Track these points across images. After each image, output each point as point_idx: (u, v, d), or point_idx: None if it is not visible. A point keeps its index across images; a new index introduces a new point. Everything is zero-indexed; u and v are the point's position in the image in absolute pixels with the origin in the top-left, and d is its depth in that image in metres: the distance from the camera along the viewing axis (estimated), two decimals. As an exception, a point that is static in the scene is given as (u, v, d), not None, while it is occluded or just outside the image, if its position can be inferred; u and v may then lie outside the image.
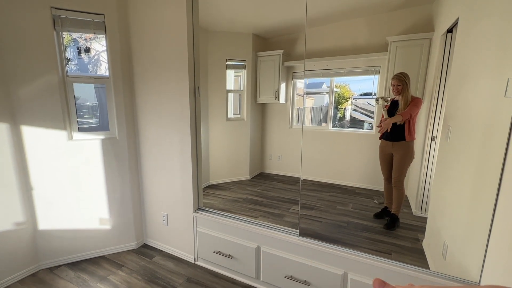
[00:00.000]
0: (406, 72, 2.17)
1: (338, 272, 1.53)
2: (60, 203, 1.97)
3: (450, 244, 1.47)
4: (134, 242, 2.28)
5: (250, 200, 2.93)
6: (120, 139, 2.09)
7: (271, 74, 3.61)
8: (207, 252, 2.02)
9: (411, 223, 2.21)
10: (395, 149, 2.19)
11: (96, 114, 2.73)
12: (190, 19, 1.83)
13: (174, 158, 2.06)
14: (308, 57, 3.40)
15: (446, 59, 2.01)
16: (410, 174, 2.46)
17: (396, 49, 2.66)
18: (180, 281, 1.89)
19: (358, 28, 3.07)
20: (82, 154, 1.99)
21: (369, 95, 3.25)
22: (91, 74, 2.19)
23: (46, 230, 1.96)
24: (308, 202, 2.83)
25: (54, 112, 1.85)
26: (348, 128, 3.46)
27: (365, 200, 2.86)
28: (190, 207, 2.05)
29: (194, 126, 1.97)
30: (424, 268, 1.37)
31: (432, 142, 2.14)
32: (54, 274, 1.94)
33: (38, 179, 1.88)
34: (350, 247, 1.55)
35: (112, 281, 1.87)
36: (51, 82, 1.81)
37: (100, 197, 2.09)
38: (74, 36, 2.19)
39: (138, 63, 2.06)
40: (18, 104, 1.75)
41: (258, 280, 1.83)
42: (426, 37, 2.46)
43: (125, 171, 2.15)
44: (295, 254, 1.67)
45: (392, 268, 1.39)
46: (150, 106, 2.08)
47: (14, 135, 1.76)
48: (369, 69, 3.11)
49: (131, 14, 2.00)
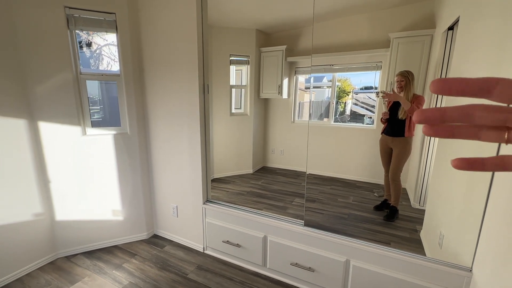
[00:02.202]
0: (408, 68, 2.23)
1: (341, 259, 1.63)
2: (75, 195, 2.07)
3: (446, 234, 1.57)
4: (145, 232, 2.39)
5: (254, 193, 3.03)
6: (131, 134, 2.17)
7: (274, 70, 3.67)
8: (216, 242, 2.13)
9: (410, 215, 2.32)
10: (394, 144, 2.28)
11: (101, 108, 2.79)
12: (199, 16, 1.88)
13: (183, 153, 2.14)
14: (312, 53, 3.45)
15: (446, 56, 2.07)
16: (409, 168, 2.55)
17: (398, 46, 2.71)
18: (191, 268, 2.00)
19: (361, 24, 3.11)
20: (95, 149, 2.07)
21: (370, 89, 3.30)
22: (103, 71, 2.25)
23: (63, 221, 2.06)
24: (311, 195, 2.93)
25: (69, 108, 1.92)
26: (349, 123, 3.54)
27: (365, 193, 2.96)
28: (199, 199, 2.15)
29: (203, 121, 2.05)
30: (421, 255, 1.47)
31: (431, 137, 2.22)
32: (71, 262, 2.05)
33: (54, 173, 1.97)
34: (351, 236, 1.65)
35: (127, 269, 1.98)
36: (65, 80, 1.88)
37: (112, 190, 2.18)
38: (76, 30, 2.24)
39: (148, 61, 2.12)
40: (35, 101, 1.82)
41: (265, 267, 1.94)
42: (428, 34, 2.50)
43: (136, 164, 2.24)
44: (300, 243, 1.78)
45: (391, 255, 1.50)
46: (160, 103, 2.15)
47: (32, 130, 1.85)
48: (370, 64, 3.16)
49: (141, 12, 2.06)
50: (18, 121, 1.78)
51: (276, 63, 3.64)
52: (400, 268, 1.48)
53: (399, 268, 1.49)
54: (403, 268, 1.47)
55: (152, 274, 1.92)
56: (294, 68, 3.79)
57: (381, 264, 1.53)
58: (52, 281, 1.84)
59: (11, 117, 1.74)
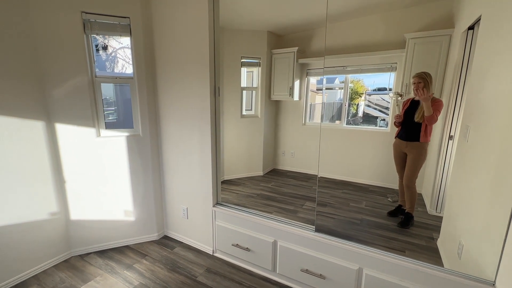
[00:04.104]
0: (425, 70, 2.15)
1: (353, 267, 1.58)
2: (89, 195, 2.11)
3: (466, 244, 1.49)
4: (156, 233, 2.41)
5: (264, 196, 3.01)
6: (143, 136, 2.20)
7: (285, 71, 3.64)
8: (225, 245, 2.12)
9: (426, 222, 2.23)
10: (409, 149, 2.20)
11: (115, 109, 2.84)
12: (211, 19, 1.89)
13: (194, 155, 2.15)
14: (324, 55, 3.40)
15: (466, 57, 1.98)
16: (425, 173, 2.45)
17: (414, 46, 2.62)
18: (200, 271, 2.00)
19: (375, 25, 3.04)
20: (108, 150, 2.11)
21: (383, 90, 3.21)
22: (117, 74, 2.30)
23: (77, 220, 2.11)
24: (322, 199, 2.87)
25: (84, 110, 1.97)
26: (361, 125, 3.45)
27: (379, 198, 2.88)
28: (209, 201, 2.15)
29: (214, 124, 2.05)
30: (439, 266, 1.40)
31: (450, 141, 2.13)
32: (84, 260, 2.09)
33: (69, 173, 2.02)
34: (364, 243, 1.60)
35: (138, 269, 2.00)
36: (81, 83, 1.93)
37: (125, 190, 2.22)
38: (92, 35, 2.29)
39: (160, 64, 2.15)
40: (52, 104, 1.88)
41: (275, 272, 1.91)
42: (446, 34, 2.41)
43: (147, 166, 2.27)
44: (311, 249, 1.74)
45: (407, 265, 1.43)
46: (172, 105, 2.18)
47: (49, 132, 1.90)
48: (385, 66, 3.08)
49: (154, 16, 2.09)
50: (37, 122, 1.84)
51: (287, 65, 3.61)
52: (417, 279, 1.42)
53: (416, 279, 1.42)
54: (421, 279, 1.41)
55: (162, 276, 1.93)
56: (306, 70, 3.75)
57: (396, 274, 1.47)
58: (66, 279, 1.89)
59: (31, 119, 1.81)
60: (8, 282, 1.79)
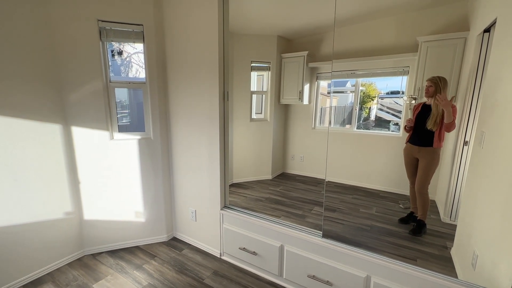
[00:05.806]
0: (439, 73, 2.10)
1: (361, 274, 1.55)
2: (102, 196, 2.18)
3: (481, 253, 1.44)
4: (165, 235, 2.46)
5: (272, 200, 3.00)
6: (154, 139, 2.26)
7: (295, 75, 3.64)
8: (233, 248, 2.13)
9: (439, 230, 2.15)
10: (421, 154, 2.14)
11: (129, 113, 2.93)
12: (221, 25, 1.93)
13: (203, 159, 2.18)
14: (334, 58, 3.38)
15: (482, 61, 1.92)
16: (439, 179, 2.38)
17: (427, 50, 2.57)
18: (207, 273, 2.01)
19: (386, 28, 3.00)
20: (121, 152, 2.18)
21: (397, 93, 3.15)
22: (130, 79, 2.38)
23: (90, 220, 2.18)
24: (331, 204, 2.84)
25: (99, 114, 2.05)
26: (373, 130, 3.39)
27: (390, 204, 2.81)
28: (217, 204, 2.17)
29: (223, 128, 2.08)
30: (452, 277, 1.35)
31: (464, 146, 2.06)
32: (96, 260, 2.16)
33: (84, 174, 2.10)
34: (373, 251, 1.57)
35: (147, 270, 2.04)
36: (97, 88, 2.01)
37: (136, 192, 2.28)
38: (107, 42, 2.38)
39: (171, 69, 2.21)
40: (69, 107, 1.97)
41: (281, 277, 1.90)
42: (461, 37, 2.35)
43: (158, 169, 2.32)
44: (318, 255, 1.72)
45: (419, 274, 1.39)
46: (182, 110, 2.22)
47: (66, 134, 1.99)
48: (397, 69, 3.03)
49: (166, 23, 2.15)
50: (54, 125, 1.93)
51: (297, 69, 3.61)
52: (427, 289, 1.38)
53: (426, 289, 1.38)
54: (431, 290, 1.36)
55: (170, 277, 1.96)
56: (316, 74, 3.74)
57: (406, 284, 1.43)
58: (78, 277, 1.95)
59: (50, 122, 1.90)
60: (24, 278, 1.87)
